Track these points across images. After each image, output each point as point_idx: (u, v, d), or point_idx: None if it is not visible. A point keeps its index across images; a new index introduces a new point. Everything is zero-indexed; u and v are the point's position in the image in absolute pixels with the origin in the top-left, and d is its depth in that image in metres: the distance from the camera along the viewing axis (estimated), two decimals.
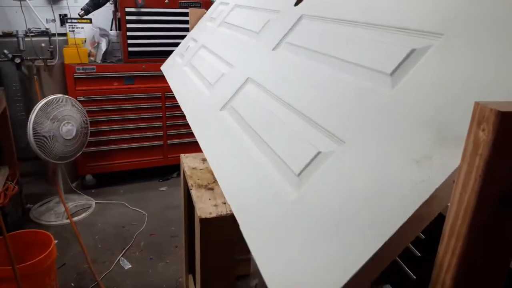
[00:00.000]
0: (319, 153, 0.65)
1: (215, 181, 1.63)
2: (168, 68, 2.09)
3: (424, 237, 1.18)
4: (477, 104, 0.39)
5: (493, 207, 0.39)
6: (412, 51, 0.60)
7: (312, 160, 0.65)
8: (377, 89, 0.63)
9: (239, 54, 1.32)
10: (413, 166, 0.49)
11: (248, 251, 2.22)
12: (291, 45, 1.03)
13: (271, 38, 1.15)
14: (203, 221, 1.37)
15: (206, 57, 1.65)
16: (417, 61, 0.59)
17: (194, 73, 1.70)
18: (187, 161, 1.82)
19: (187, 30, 2.22)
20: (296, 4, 1.13)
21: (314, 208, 0.58)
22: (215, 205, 1.44)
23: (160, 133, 3.43)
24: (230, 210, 1.42)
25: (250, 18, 1.44)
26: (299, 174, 0.66)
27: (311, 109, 0.79)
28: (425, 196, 0.45)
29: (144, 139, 3.41)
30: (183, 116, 3.72)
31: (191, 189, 1.57)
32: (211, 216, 1.37)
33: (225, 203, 1.46)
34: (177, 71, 1.94)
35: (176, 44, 3.31)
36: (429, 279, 0.60)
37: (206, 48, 1.73)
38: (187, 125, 3.81)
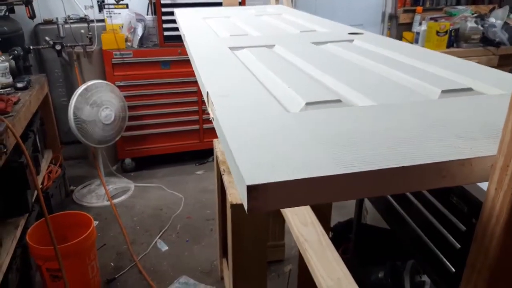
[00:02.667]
0: (338, 100, 0.62)
1: None
2: (183, 13, 1.96)
3: (465, 228, 1.12)
4: None
5: None
6: None
7: (328, 101, 0.62)
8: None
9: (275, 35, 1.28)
10: (455, 138, 0.45)
11: (281, 237, 2.22)
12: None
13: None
14: (234, 207, 1.36)
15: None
16: None
17: (217, 24, 1.58)
18: (220, 146, 1.81)
19: None
20: None
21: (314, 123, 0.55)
22: None
23: (196, 117, 3.45)
24: None
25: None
26: (307, 103, 0.62)
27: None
28: (455, 156, 0.40)
29: (180, 123, 3.44)
30: None
31: (223, 174, 1.57)
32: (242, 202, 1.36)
33: None
34: (194, 18, 1.81)
35: None
36: None
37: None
38: None
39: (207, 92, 0.68)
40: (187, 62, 3.46)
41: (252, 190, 0.39)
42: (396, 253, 1.69)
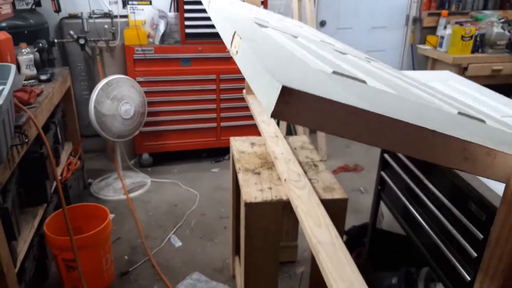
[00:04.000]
0: (363, 81, 0.62)
1: (262, 166, 1.61)
2: None
3: (482, 237, 1.09)
4: None
5: None
6: None
7: (354, 77, 0.62)
8: None
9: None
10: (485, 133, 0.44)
11: (294, 238, 2.21)
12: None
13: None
14: (248, 205, 1.36)
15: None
16: None
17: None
18: (236, 144, 1.81)
19: None
20: None
21: None
22: (261, 190, 1.42)
23: (214, 115, 3.47)
24: (276, 196, 1.40)
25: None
26: (333, 72, 0.62)
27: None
28: (482, 143, 0.39)
29: (198, 120, 3.46)
30: (237, 99, 3.72)
31: (238, 172, 1.57)
32: (256, 201, 1.36)
33: (271, 188, 1.44)
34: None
35: None
36: None
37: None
38: (240, 108, 3.82)
39: (234, 31, 0.67)
40: (208, 60, 3.51)
41: (286, 93, 0.39)
42: (410, 260, 1.67)
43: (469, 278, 1.13)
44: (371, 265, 1.96)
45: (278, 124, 2.36)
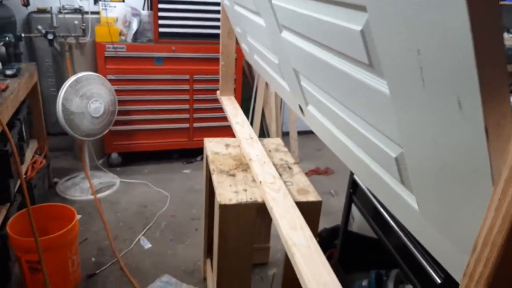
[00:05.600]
0: None
1: (237, 167, 1.60)
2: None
3: None
4: None
5: None
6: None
7: None
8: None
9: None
10: None
11: (267, 240, 2.21)
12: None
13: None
14: (223, 207, 1.35)
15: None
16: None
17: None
18: (211, 145, 1.80)
19: (219, 12, 2.18)
20: None
21: None
22: (236, 192, 1.41)
23: (187, 115, 3.43)
24: (251, 198, 1.39)
25: None
26: None
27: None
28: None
29: (170, 120, 3.41)
30: (211, 100, 3.71)
31: (212, 174, 1.55)
32: (231, 202, 1.35)
33: (246, 190, 1.43)
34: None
35: (208, 27, 3.29)
36: (455, 283, 0.56)
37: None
38: (213, 109, 3.80)
39: None
40: (181, 60, 3.47)
41: None
42: (381, 262, 1.70)
43: (439, 281, 1.16)
44: (342, 267, 1.99)
45: (251, 125, 2.36)
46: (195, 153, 3.58)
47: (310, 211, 1.35)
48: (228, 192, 1.41)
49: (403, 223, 0.77)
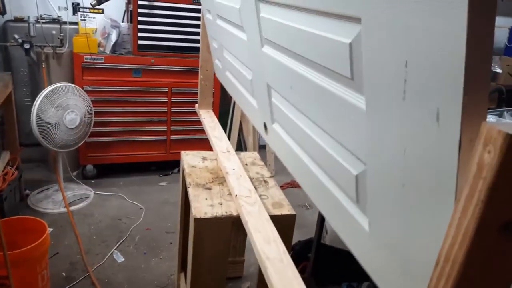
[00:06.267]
0: None
1: (213, 181, 1.61)
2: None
3: None
4: (484, 124, 0.36)
5: (494, 235, 0.37)
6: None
7: None
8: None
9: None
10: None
11: (241, 254, 2.21)
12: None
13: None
14: (198, 221, 1.35)
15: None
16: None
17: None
18: (187, 158, 1.80)
19: (198, 26, 2.20)
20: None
21: None
22: (211, 205, 1.42)
23: (164, 127, 3.42)
24: (226, 212, 1.40)
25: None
26: None
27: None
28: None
29: (147, 132, 3.39)
30: (189, 112, 3.70)
31: (188, 187, 1.55)
32: (206, 216, 1.35)
33: (221, 204, 1.44)
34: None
35: (187, 40, 3.31)
36: None
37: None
38: (191, 122, 3.80)
39: None
40: (160, 72, 3.48)
41: None
42: (352, 274, 1.72)
43: None
44: (315, 280, 2.01)
45: (229, 139, 2.37)
46: (171, 166, 3.56)
47: (284, 225, 1.36)
48: (204, 206, 1.41)
49: (348, 245, 0.76)
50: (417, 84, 0.45)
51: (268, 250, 1.10)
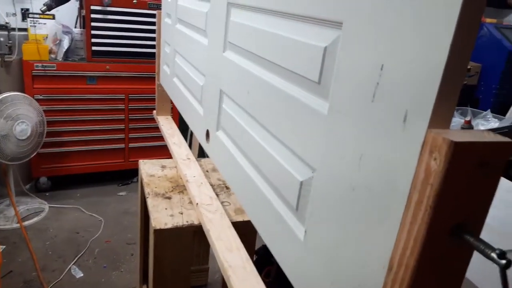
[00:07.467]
0: None
1: (173, 190, 1.58)
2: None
3: None
4: (430, 132, 0.37)
5: (444, 239, 0.38)
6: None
7: None
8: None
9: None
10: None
11: (205, 262, 2.17)
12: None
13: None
14: (158, 232, 1.32)
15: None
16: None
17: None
18: (146, 167, 1.76)
19: (154, 31, 2.17)
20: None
21: None
22: (171, 215, 1.39)
23: (122, 135, 3.33)
24: (187, 221, 1.38)
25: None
26: None
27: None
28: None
29: (104, 141, 3.29)
30: (147, 119, 3.63)
31: (147, 197, 1.52)
32: (166, 227, 1.32)
33: (182, 213, 1.41)
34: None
35: (143, 46, 3.25)
36: None
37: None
38: (150, 129, 3.73)
39: None
40: (116, 79, 3.39)
41: None
42: None
43: None
44: (279, 284, 2.01)
45: (190, 146, 2.34)
46: (131, 174, 3.47)
47: (246, 231, 1.35)
48: (164, 216, 1.38)
49: (277, 257, 0.75)
50: (389, 86, 0.45)
51: (231, 258, 1.09)
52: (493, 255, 0.34)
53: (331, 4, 0.57)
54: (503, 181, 1.39)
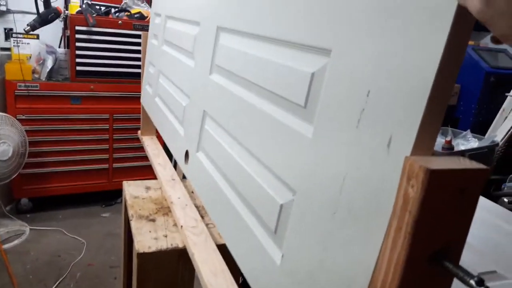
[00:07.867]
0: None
1: (157, 212, 1.56)
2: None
3: None
4: (407, 159, 0.38)
5: (423, 266, 0.38)
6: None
7: None
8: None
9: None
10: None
11: (191, 285, 2.13)
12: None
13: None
14: (141, 255, 1.29)
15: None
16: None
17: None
18: (130, 189, 1.74)
19: (139, 52, 2.18)
20: None
21: None
22: (155, 238, 1.37)
23: (106, 156, 3.30)
24: (171, 244, 1.36)
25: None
26: None
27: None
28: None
29: (88, 161, 3.25)
30: (131, 139, 3.60)
31: (131, 220, 1.49)
32: (150, 250, 1.30)
33: (166, 236, 1.39)
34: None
35: (128, 66, 3.25)
36: None
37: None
38: (134, 149, 3.70)
39: None
40: (100, 98, 3.37)
41: None
42: None
43: None
44: None
45: (175, 167, 2.33)
46: (115, 195, 3.42)
47: (232, 256, 1.34)
48: (148, 239, 1.36)
49: (250, 281, 0.74)
50: (375, 112, 0.46)
51: (215, 282, 1.07)
52: (472, 282, 0.34)
53: (321, 32, 0.59)
54: (483, 200, 1.41)
